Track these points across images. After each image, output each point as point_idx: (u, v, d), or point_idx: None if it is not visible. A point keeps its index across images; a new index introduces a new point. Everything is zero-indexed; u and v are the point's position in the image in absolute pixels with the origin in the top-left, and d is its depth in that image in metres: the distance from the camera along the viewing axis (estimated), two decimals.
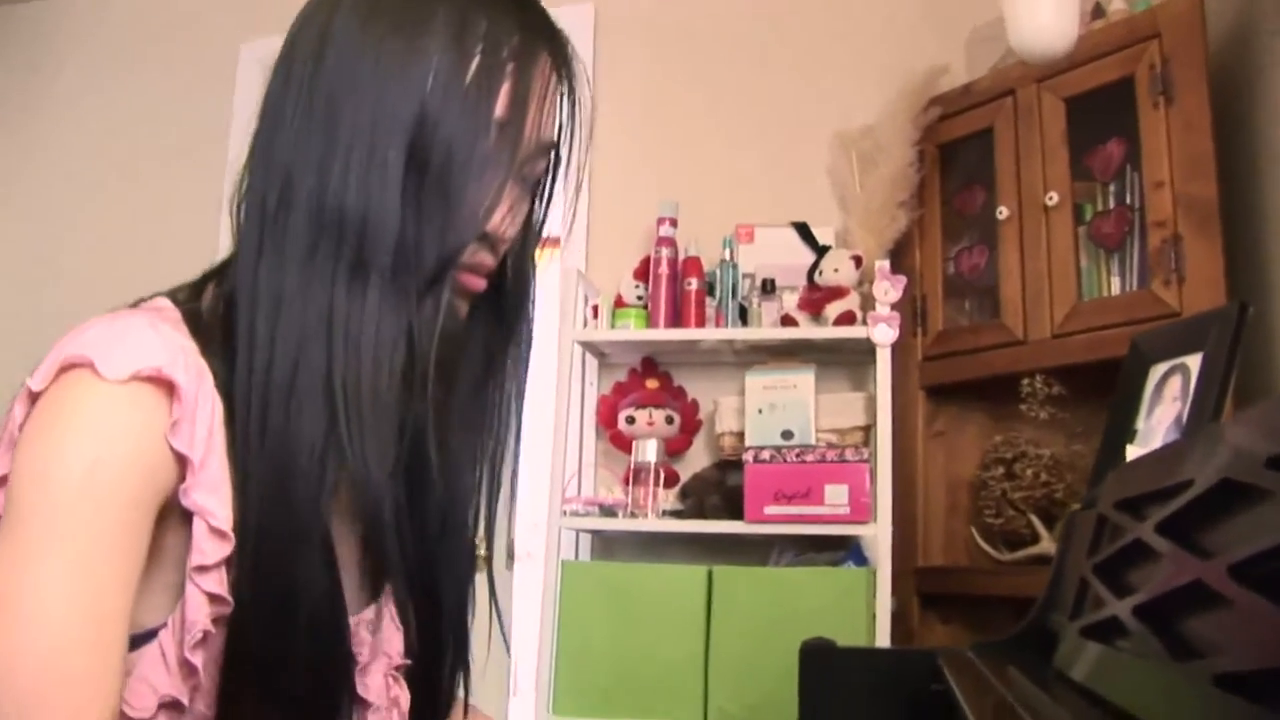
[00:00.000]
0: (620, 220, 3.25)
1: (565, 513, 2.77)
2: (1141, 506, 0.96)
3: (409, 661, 1.09)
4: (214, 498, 0.88)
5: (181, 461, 0.87)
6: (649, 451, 2.77)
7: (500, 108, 0.97)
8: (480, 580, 2.66)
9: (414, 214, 0.93)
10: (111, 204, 3.57)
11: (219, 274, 1.02)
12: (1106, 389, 1.68)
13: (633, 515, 2.75)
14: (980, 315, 2.71)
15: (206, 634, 0.88)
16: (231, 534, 0.89)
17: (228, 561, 0.89)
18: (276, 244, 0.93)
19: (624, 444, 2.94)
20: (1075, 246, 2.44)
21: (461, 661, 1.13)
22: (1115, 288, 2.40)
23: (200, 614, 0.88)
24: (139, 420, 0.85)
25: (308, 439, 0.90)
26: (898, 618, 2.57)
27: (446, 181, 0.94)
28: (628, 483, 2.80)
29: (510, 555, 2.90)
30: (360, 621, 1.04)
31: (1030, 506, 2.51)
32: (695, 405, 3.07)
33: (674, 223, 2.98)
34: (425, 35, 0.94)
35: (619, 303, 2.98)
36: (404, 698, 1.09)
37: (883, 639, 2.42)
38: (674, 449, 3.03)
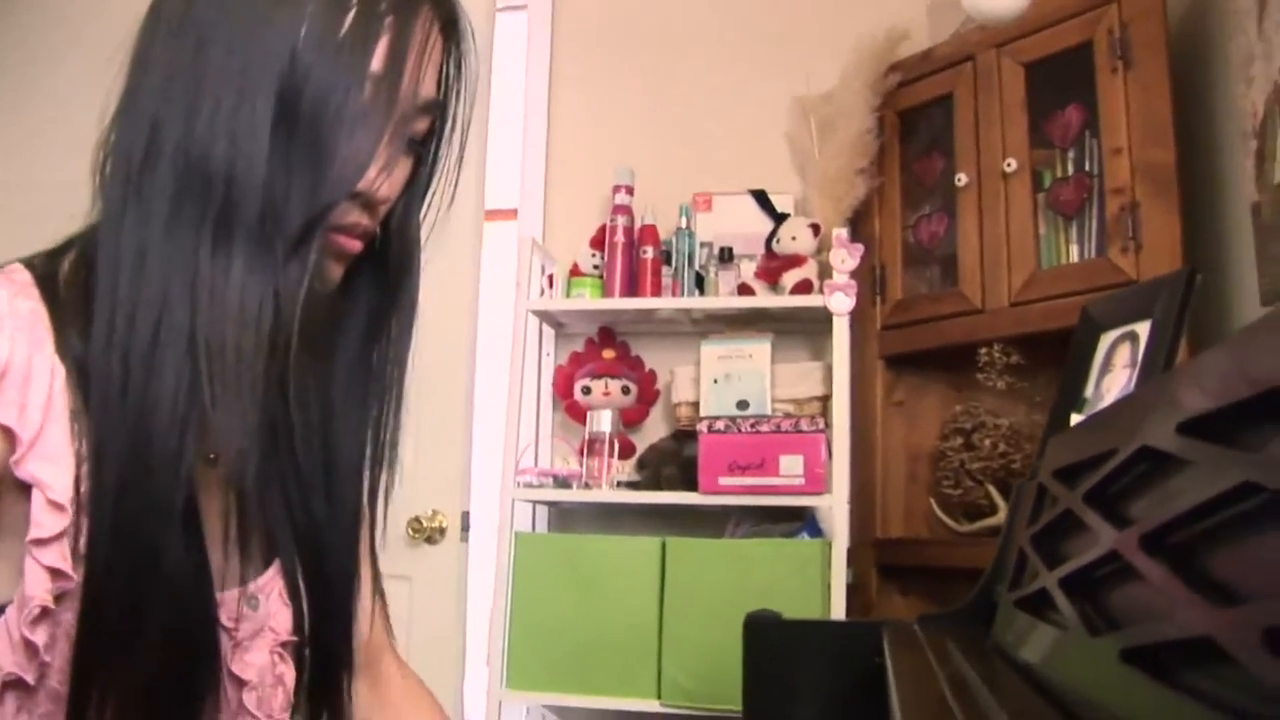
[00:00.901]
0: (577, 188, 3.21)
1: (519, 484, 2.75)
2: (1077, 475, 0.94)
3: (296, 638, 1.05)
4: (51, 468, 0.85)
5: (7, 434, 0.83)
6: (604, 422, 2.75)
7: (376, 61, 0.91)
8: (434, 554, 2.63)
9: (283, 169, 0.88)
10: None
11: (81, 239, 0.96)
12: (1066, 358, 1.66)
13: (587, 486, 2.73)
14: (940, 284, 2.68)
15: (45, 609, 0.84)
16: (69, 506, 0.85)
17: (74, 533, 0.85)
18: (141, 199, 0.88)
19: (580, 415, 2.92)
20: (1034, 214, 2.41)
21: (347, 636, 1.08)
22: (1074, 255, 2.37)
23: (39, 589, 0.84)
24: None
25: (168, 400, 0.86)
26: (855, 589, 2.55)
27: (316, 136, 0.88)
28: (583, 454, 2.77)
29: (464, 527, 2.87)
30: (237, 596, 1.01)
31: (988, 477, 2.49)
32: (653, 375, 3.04)
33: (630, 190, 2.94)
34: None
35: (575, 272, 2.95)
36: (289, 675, 1.06)
37: (838, 611, 2.41)
38: (631, 419, 3.00)
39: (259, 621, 1.03)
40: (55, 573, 0.84)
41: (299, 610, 1.03)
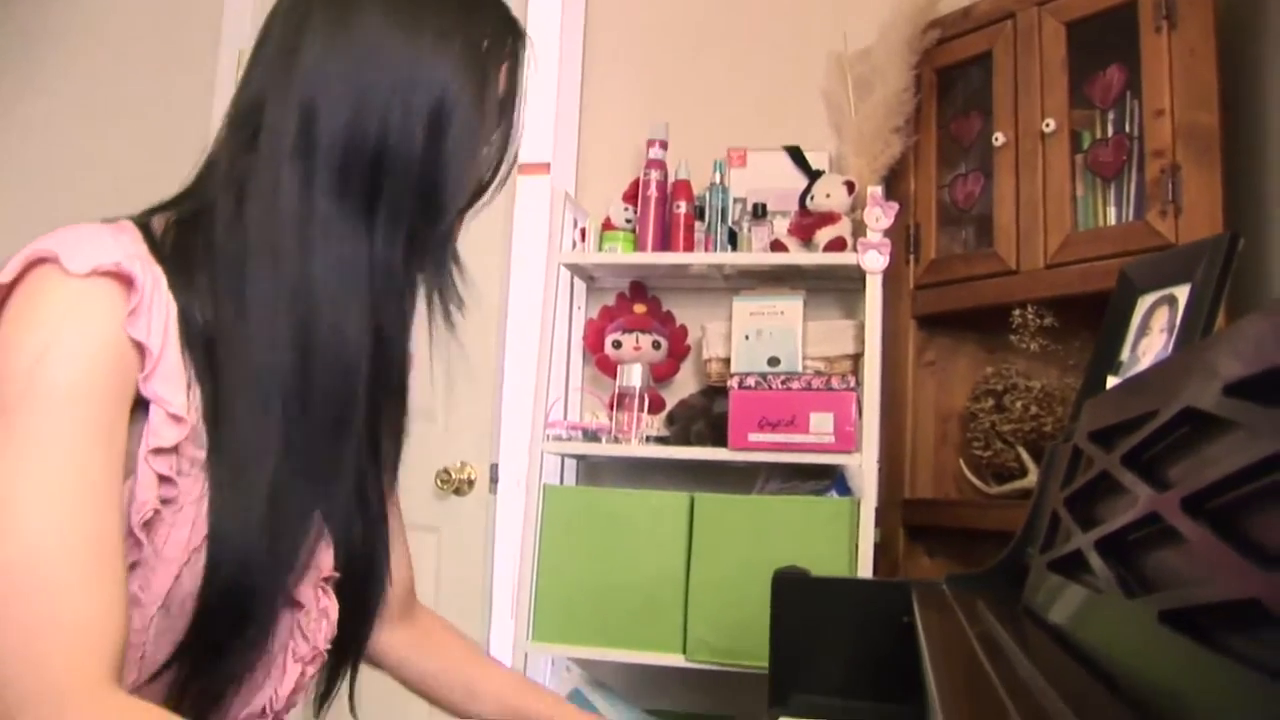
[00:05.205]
0: (610, 142, 3.19)
1: (548, 437, 2.75)
2: (1114, 437, 0.93)
3: (338, 575, 1.15)
4: (170, 386, 0.95)
5: (140, 350, 0.93)
6: (634, 376, 2.74)
7: (502, 83, 1.11)
8: (462, 505, 2.66)
9: (432, 174, 1.04)
10: (104, 170, 3.48)
11: (177, 203, 1.08)
12: (1100, 321, 1.64)
13: (616, 440, 2.73)
14: (974, 244, 2.66)
15: (157, 512, 0.94)
16: (187, 419, 0.95)
17: (177, 448, 0.95)
18: (300, 181, 1.01)
19: (610, 369, 2.91)
20: (1072, 175, 2.39)
21: (381, 581, 1.22)
22: (1112, 218, 2.35)
23: (150, 494, 0.93)
24: (102, 311, 0.92)
25: (354, 339, 1.04)
26: (882, 549, 2.55)
27: (458, 151, 1.05)
28: (612, 408, 2.77)
29: (493, 479, 2.88)
30: None
31: (1019, 439, 2.48)
32: (684, 331, 3.04)
33: (664, 145, 2.92)
34: (442, 12, 1.07)
35: (607, 225, 2.94)
36: (332, 609, 1.15)
37: (865, 570, 2.40)
38: (662, 375, 3.00)
39: (310, 558, 1.11)
40: (163, 479, 0.94)
41: (339, 548, 1.13)
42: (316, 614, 1.12)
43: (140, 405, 0.94)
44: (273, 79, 1.04)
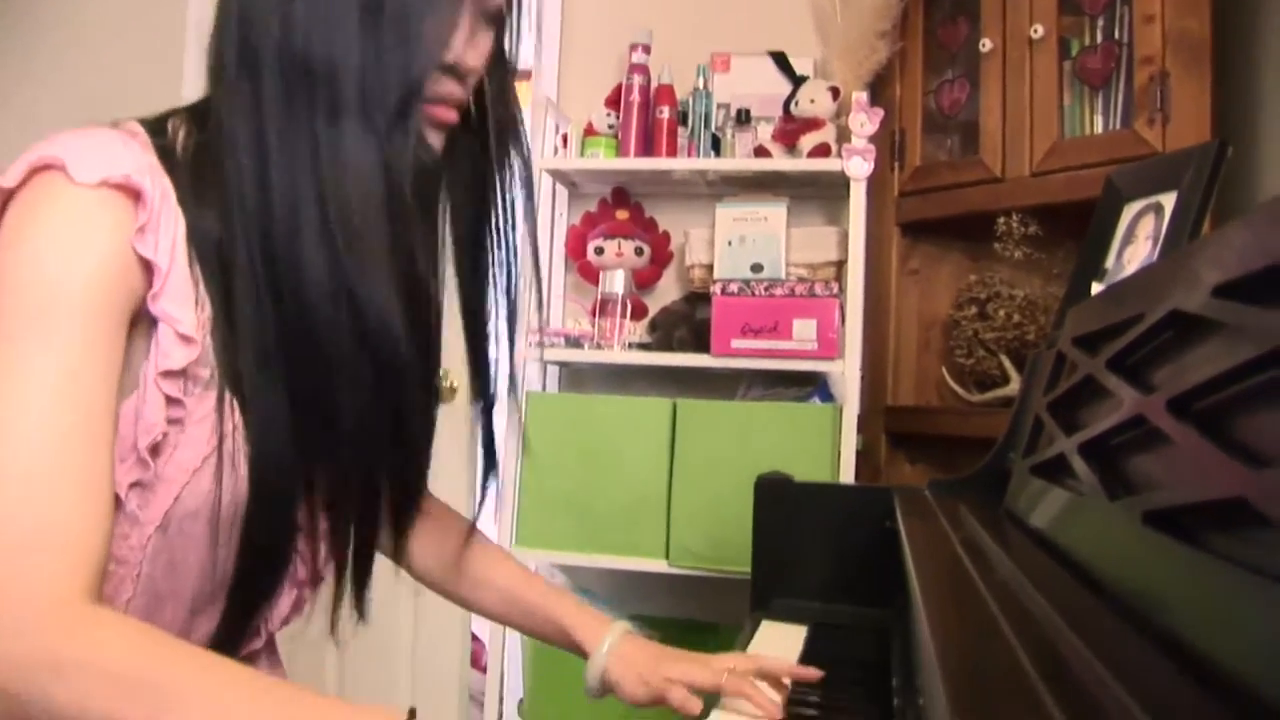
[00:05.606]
0: (593, 47, 3.14)
1: (530, 344, 2.74)
2: (1099, 343, 0.93)
3: (333, 504, 1.13)
4: (178, 305, 0.92)
5: (147, 268, 0.90)
6: (616, 283, 2.73)
7: None
8: (445, 412, 2.66)
9: (374, 50, 0.94)
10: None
11: (184, 112, 1.03)
12: (1085, 230, 1.64)
13: (599, 347, 2.72)
14: (960, 151, 2.64)
15: (165, 434, 0.93)
16: (198, 339, 0.93)
17: (185, 370, 0.93)
18: (251, 92, 0.95)
19: (593, 275, 2.90)
20: (1059, 83, 2.37)
21: (416, 501, 1.24)
22: (1099, 126, 2.33)
23: (158, 415, 0.92)
24: (108, 224, 0.88)
25: (317, 267, 0.94)
26: (864, 456, 2.56)
27: (401, 15, 0.95)
28: (595, 314, 2.77)
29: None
30: None
31: (1002, 347, 2.48)
32: (666, 237, 3.02)
33: (647, 50, 2.89)
34: None
35: (589, 131, 2.91)
36: (328, 532, 1.14)
37: (847, 476, 2.42)
38: (644, 281, 2.99)
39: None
40: (171, 401, 0.93)
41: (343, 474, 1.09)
42: (315, 537, 1.13)
43: (144, 319, 0.92)
44: (220, 9, 0.99)
